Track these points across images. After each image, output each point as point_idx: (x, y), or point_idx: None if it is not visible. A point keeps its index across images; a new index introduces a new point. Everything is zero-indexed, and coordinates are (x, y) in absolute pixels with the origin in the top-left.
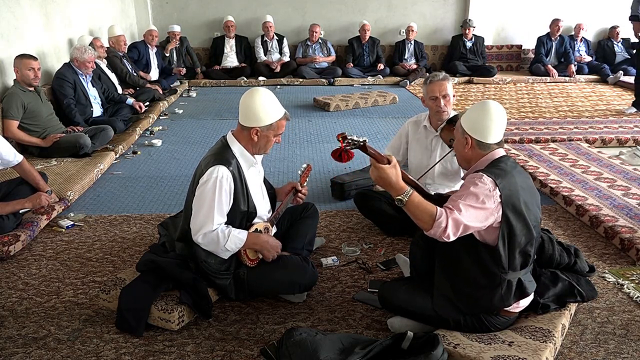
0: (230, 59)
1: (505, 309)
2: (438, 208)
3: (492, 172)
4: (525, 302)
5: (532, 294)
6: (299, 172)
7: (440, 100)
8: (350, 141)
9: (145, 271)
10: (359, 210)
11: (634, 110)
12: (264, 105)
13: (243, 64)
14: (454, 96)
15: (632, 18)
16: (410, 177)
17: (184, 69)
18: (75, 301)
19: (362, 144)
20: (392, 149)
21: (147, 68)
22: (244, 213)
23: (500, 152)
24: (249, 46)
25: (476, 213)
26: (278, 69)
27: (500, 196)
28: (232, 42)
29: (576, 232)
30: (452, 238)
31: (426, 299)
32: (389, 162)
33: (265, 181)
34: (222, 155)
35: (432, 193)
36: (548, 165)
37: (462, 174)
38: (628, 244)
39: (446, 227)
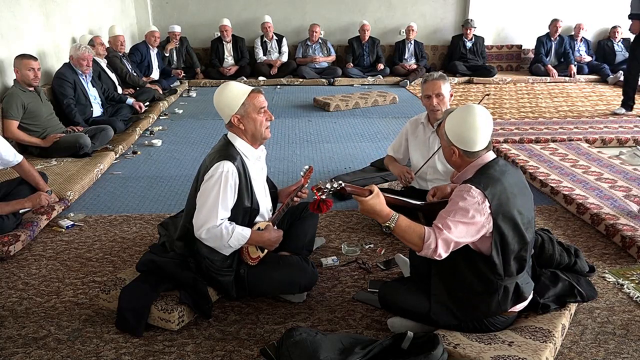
0: (230, 62)
1: None
2: (426, 229)
3: (480, 182)
4: (524, 302)
5: (532, 293)
6: (301, 173)
7: (433, 99)
8: (325, 190)
9: (145, 271)
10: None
11: (623, 110)
12: (228, 92)
13: (240, 64)
14: (451, 95)
15: (633, 16)
16: (395, 197)
17: (182, 73)
18: (75, 301)
19: (338, 189)
20: (394, 147)
21: (149, 69)
22: (247, 209)
23: (489, 157)
24: (244, 47)
25: (466, 228)
26: (275, 71)
27: (490, 207)
28: (230, 45)
29: (576, 232)
30: (444, 256)
31: (426, 300)
32: (370, 193)
33: (268, 179)
34: (226, 151)
35: (431, 188)
36: (548, 166)
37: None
38: (629, 241)
39: (436, 247)
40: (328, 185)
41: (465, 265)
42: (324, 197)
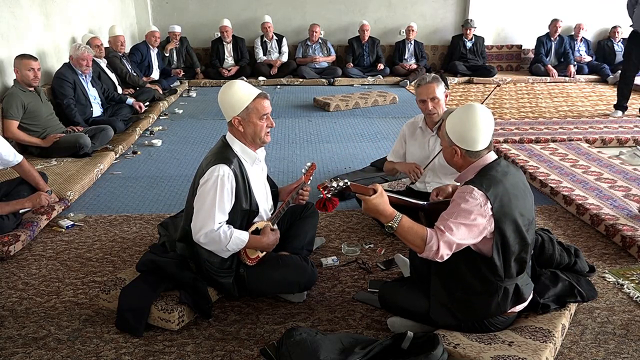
0: (230, 62)
1: None
2: (428, 230)
3: (482, 183)
4: (524, 303)
5: (532, 293)
6: (303, 170)
7: (429, 103)
8: (331, 189)
9: (145, 271)
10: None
11: (619, 113)
12: (233, 93)
13: (240, 64)
14: (446, 96)
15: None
16: (398, 197)
17: (182, 73)
18: (75, 301)
19: (344, 187)
20: (395, 153)
21: (149, 69)
22: (245, 212)
23: (491, 157)
24: (245, 47)
25: (468, 230)
26: (275, 71)
27: (492, 208)
28: (230, 46)
29: (576, 232)
30: (446, 258)
31: (425, 300)
32: (374, 192)
33: (268, 178)
34: (223, 154)
35: (431, 190)
36: (548, 166)
37: None
38: (629, 241)
39: (438, 249)
40: (334, 184)
41: (465, 265)
42: (329, 195)
